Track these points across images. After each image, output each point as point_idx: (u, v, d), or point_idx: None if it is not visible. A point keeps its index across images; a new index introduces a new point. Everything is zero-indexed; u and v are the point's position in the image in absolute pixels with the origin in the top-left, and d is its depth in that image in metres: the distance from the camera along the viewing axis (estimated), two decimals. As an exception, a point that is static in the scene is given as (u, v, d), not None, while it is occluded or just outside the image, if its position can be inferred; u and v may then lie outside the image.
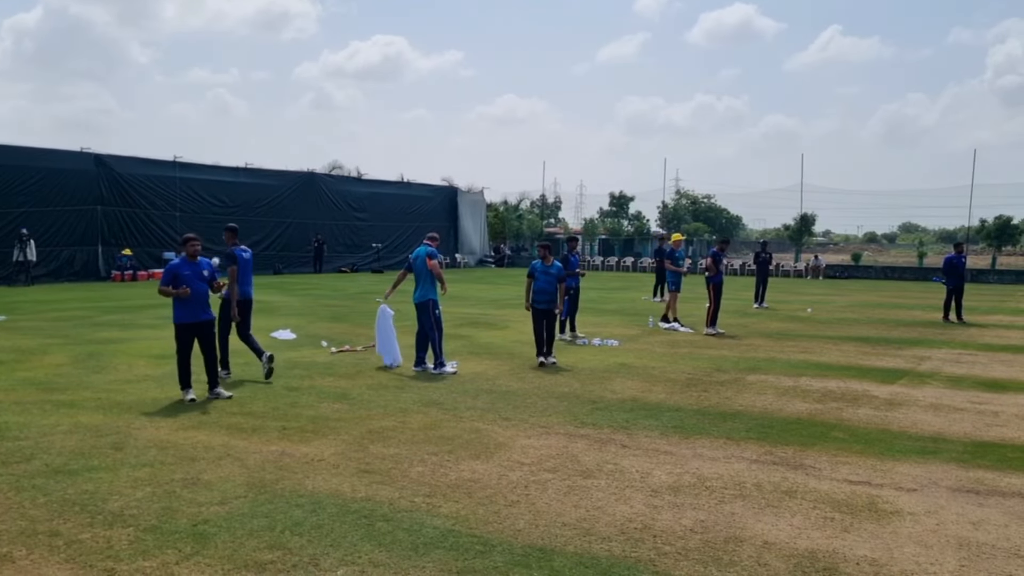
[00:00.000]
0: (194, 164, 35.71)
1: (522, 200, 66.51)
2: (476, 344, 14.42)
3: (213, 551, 4.97)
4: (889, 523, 5.76)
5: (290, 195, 39.11)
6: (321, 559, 4.89)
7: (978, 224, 52.68)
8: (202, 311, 9.36)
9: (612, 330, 16.67)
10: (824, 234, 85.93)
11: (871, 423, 8.83)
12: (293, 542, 5.13)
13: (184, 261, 9.32)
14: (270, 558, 4.89)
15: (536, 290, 12.52)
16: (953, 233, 56.83)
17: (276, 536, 5.23)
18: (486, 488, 6.32)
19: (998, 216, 52.61)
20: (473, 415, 8.86)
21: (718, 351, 14.16)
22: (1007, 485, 6.68)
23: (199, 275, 9.34)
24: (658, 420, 8.77)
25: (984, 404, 9.95)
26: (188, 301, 9.17)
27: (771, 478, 6.76)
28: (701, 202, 77.79)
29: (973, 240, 53.75)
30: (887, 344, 15.48)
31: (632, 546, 5.21)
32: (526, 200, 67.11)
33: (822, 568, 4.94)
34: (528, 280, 12.65)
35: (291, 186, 39.36)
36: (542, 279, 12.49)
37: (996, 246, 51.63)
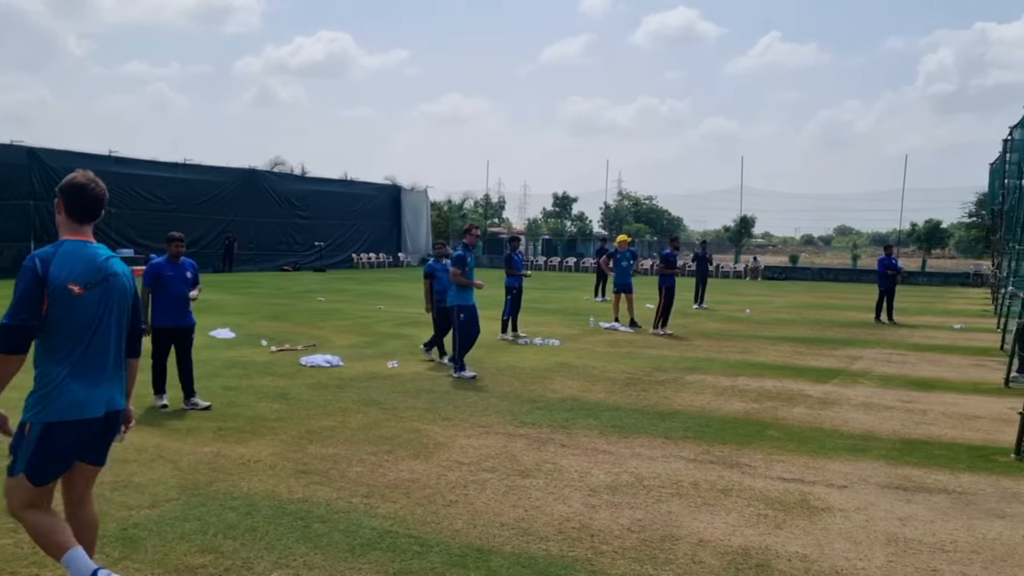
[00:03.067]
0: (131, 159, 34.93)
1: (466, 199, 66.60)
2: (417, 343, 14.33)
3: (142, 556, 4.86)
4: (820, 519, 5.88)
5: (231, 192, 38.46)
6: (255, 562, 4.81)
7: (909, 227, 54.23)
8: (183, 316, 8.88)
9: (553, 329, 16.74)
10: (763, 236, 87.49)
11: (805, 422, 9.01)
12: (226, 545, 5.04)
13: (167, 261, 8.86)
14: (201, 562, 4.79)
15: (439, 290, 12.45)
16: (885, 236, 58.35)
17: (208, 539, 5.13)
18: (425, 488, 6.29)
19: (928, 220, 54.27)
20: (413, 415, 8.81)
21: (658, 351, 14.31)
22: (933, 482, 6.87)
23: (182, 277, 8.86)
24: (597, 419, 8.82)
25: (913, 403, 10.22)
26: (169, 304, 8.74)
27: (708, 476, 6.85)
28: (643, 203, 78.62)
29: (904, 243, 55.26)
30: (821, 344, 15.82)
31: (569, 545, 5.23)
32: (470, 199, 67.21)
33: (755, 564, 5.03)
34: (427, 281, 12.54)
35: (231, 183, 38.72)
36: (444, 278, 12.37)
37: (926, 249, 53.23)
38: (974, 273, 42.10)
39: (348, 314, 19.36)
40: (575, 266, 49.90)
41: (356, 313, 19.61)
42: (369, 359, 12.48)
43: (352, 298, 24.20)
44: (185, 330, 8.93)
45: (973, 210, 55.56)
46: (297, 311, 19.73)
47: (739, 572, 4.91)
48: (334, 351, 12.82)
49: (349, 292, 26.48)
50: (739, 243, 57.40)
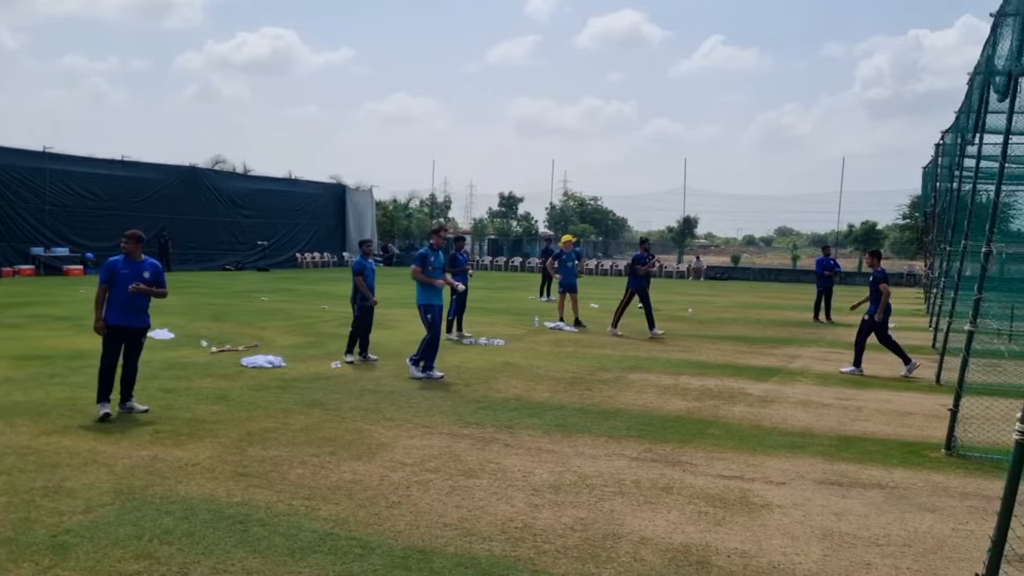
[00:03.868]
0: (66, 155, 34.04)
1: (412, 199, 66.22)
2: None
3: (74, 563, 4.73)
4: (759, 516, 5.97)
5: (170, 190, 37.69)
6: (191, 568, 4.71)
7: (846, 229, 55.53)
8: (136, 316, 8.51)
9: (499, 329, 16.75)
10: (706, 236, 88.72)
11: (745, 420, 9.16)
12: (161, 551, 4.93)
13: (125, 259, 8.46)
14: (136, 568, 4.68)
15: (371, 288, 12.42)
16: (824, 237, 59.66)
17: (143, 545, 5.01)
18: (367, 489, 6.24)
19: (864, 221, 55.66)
20: (356, 415, 8.74)
21: (601, 350, 14.41)
22: (868, 477, 7.03)
23: (139, 276, 8.47)
24: (541, 419, 8.85)
25: (849, 400, 10.46)
26: (123, 303, 8.38)
27: (649, 475, 6.91)
28: (588, 204, 79.07)
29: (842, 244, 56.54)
30: (762, 343, 16.10)
31: (512, 545, 5.23)
32: (416, 199, 66.84)
33: (695, 561, 5.08)
34: (359, 279, 12.41)
35: (171, 180, 37.96)
36: (371, 276, 12.46)
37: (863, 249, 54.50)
38: (908, 273, 43.29)
39: (291, 314, 19.12)
40: (521, 266, 50.03)
41: (299, 313, 19.39)
42: (312, 359, 12.34)
43: (295, 298, 23.92)
44: (137, 331, 8.57)
45: (907, 212, 57.05)
46: (239, 311, 19.43)
47: (680, 569, 4.96)
48: (276, 352, 12.65)
49: (293, 292, 26.16)
50: (682, 243, 58.14)
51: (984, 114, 10.40)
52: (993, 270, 10.22)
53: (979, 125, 10.78)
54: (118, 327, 8.42)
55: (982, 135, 10.87)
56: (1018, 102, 8.09)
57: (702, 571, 4.94)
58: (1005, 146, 8.11)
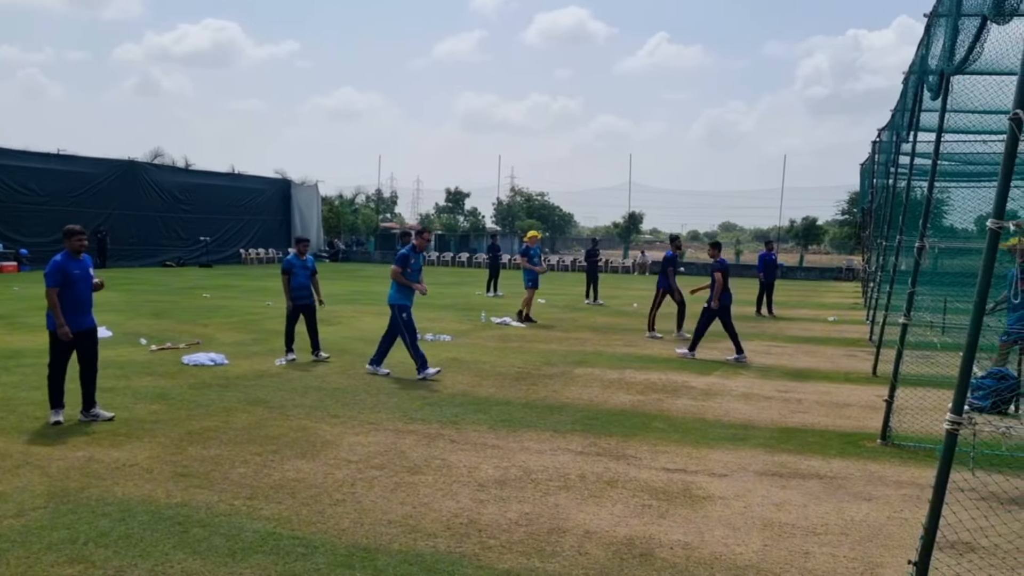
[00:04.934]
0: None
1: (358, 194, 65.64)
2: (306, 341, 14.06)
3: (4, 568, 4.59)
4: (702, 508, 6.05)
5: (109, 185, 36.78)
6: (128, 571, 4.61)
7: (788, 224, 56.55)
8: (86, 317, 8.16)
9: (445, 325, 16.70)
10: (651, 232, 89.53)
11: (689, 413, 9.27)
12: (97, 554, 4.82)
13: (68, 257, 8.02)
14: (70, 573, 4.56)
15: (296, 286, 12.12)
16: (767, 232, 60.70)
17: (78, 549, 4.89)
18: (311, 488, 6.18)
19: (805, 217, 56.74)
20: (300, 413, 8.64)
21: (547, 345, 14.46)
22: (807, 468, 7.17)
23: (86, 274, 8.13)
24: (487, 414, 8.85)
25: (790, 392, 10.65)
26: (76, 304, 8.00)
27: (594, 469, 6.96)
28: (535, 199, 79.16)
29: (783, 239, 57.52)
30: (706, 337, 16.27)
31: (457, 541, 5.22)
32: (362, 194, 66.29)
33: (638, 554, 5.13)
34: (285, 277, 12.15)
35: (109, 175, 37.03)
36: (301, 274, 12.19)
37: (803, 245, 55.61)
38: (846, 268, 44.25)
39: (235, 311, 18.82)
40: (468, 261, 49.93)
41: (243, 309, 19.10)
42: (256, 357, 12.17)
43: (239, 294, 23.56)
44: (89, 333, 8.20)
45: (846, 208, 58.37)
46: (180, 308, 19.07)
47: (623, 562, 5.01)
48: (219, 349, 12.45)
49: (236, 288, 25.75)
50: (628, 239, 58.64)
51: (918, 112, 10.64)
52: (927, 265, 10.48)
53: (913, 123, 11.04)
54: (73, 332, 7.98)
55: (916, 133, 11.13)
56: (950, 101, 8.30)
57: (645, 563, 4.99)
58: (937, 144, 8.32)
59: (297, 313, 12.18)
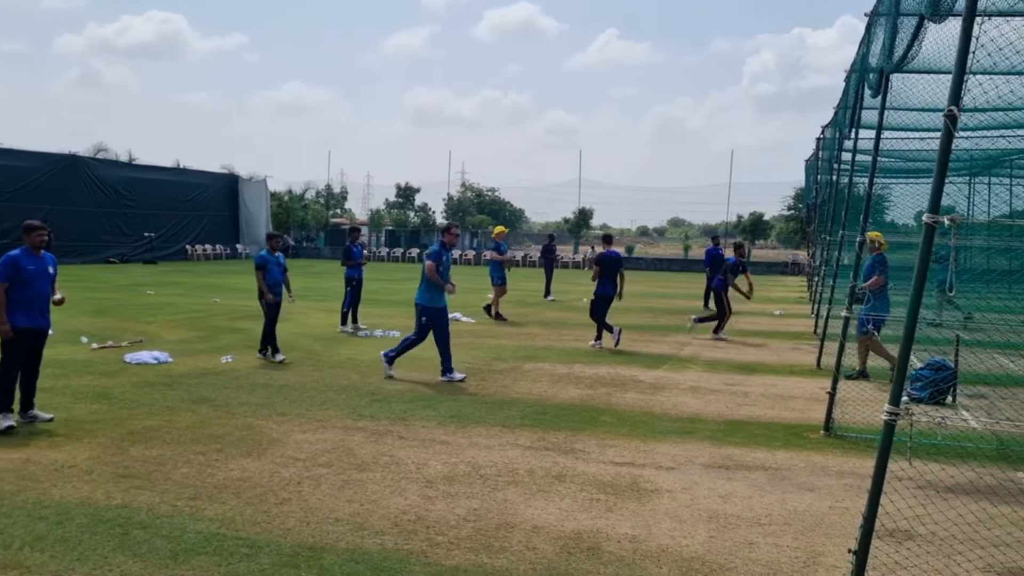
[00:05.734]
0: (-69, 142, 31.97)
1: (307, 189, 64.95)
2: (254, 337, 13.86)
3: (-64, 574, 4.46)
4: (649, 501, 6.10)
5: (49, 179, 35.83)
6: (65, 575, 4.50)
7: (735, 219, 57.37)
8: (43, 316, 7.82)
9: (396, 321, 16.60)
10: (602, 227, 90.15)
11: (637, 406, 9.34)
12: (33, 559, 4.69)
13: (26, 252, 7.71)
14: (5, 577, 4.44)
15: (271, 283, 11.86)
16: (715, 228, 61.53)
17: (13, 554, 4.75)
18: (256, 487, 6.09)
19: (752, 212, 57.62)
20: (246, 411, 8.52)
21: (497, 340, 14.47)
22: (752, 460, 7.27)
23: (44, 272, 7.80)
24: (436, 410, 8.82)
25: (736, 385, 10.79)
26: (30, 302, 7.65)
27: (543, 463, 6.97)
28: (486, 195, 79.16)
29: (731, 234, 58.31)
30: (654, 331, 16.45)
31: (405, 538, 5.19)
32: (312, 189, 65.61)
33: (586, 548, 5.15)
34: (259, 273, 11.86)
35: (50, 169, 36.07)
36: (275, 271, 11.95)
37: (751, 239, 56.40)
38: (792, 262, 45.03)
39: (180, 308, 18.51)
40: (418, 257, 49.74)
41: (189, 307, 18.78)
42: (201, 354, 11.97)
43: (185, 291, 23.16)
44: (44, 332, 7.90)
45: (792, 203, 59.40)
46: (123, 306, 18.68)
47: (571, 556, 5.02)
48: (163, 347, 12.22)
49: (182, 285, 25.30)
50: (578, 234, 58.94)
51: (859, 110, 10.86)
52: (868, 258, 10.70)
53: (855, 120, 11.25)
54: (26, 329, 7.67)
55: (857, 130, 11.35)
56: (889, 98, 8.48)
57: (593, 557, 5.01)
58: (877, 141, 8.49)
59: (274, 310, 11.90)
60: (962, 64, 4.04)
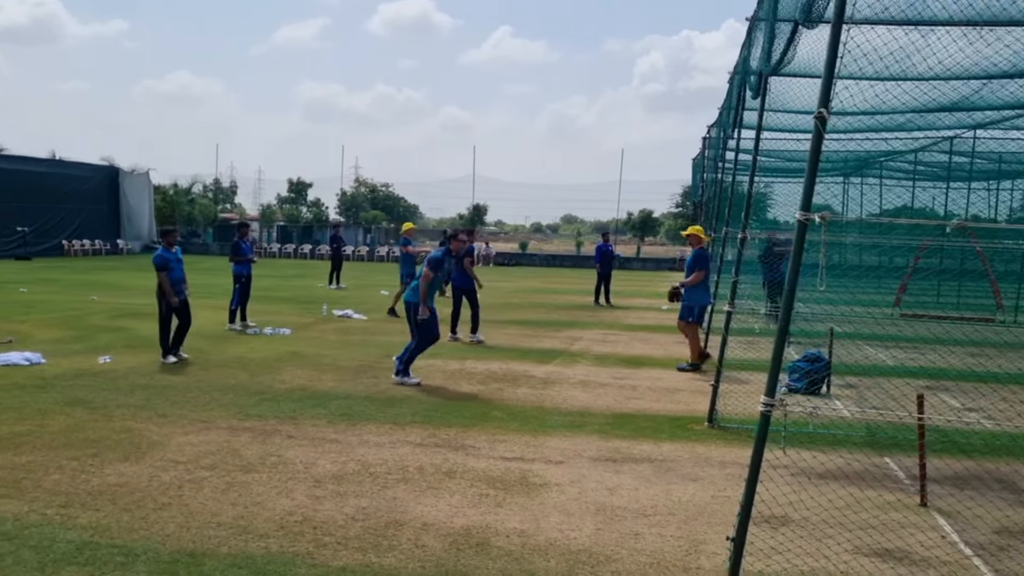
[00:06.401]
0: None
1: (194, 183, 62.85)
2: (135, 336, 13.38)
3: None
4: (538, 495, 6.16)
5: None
6: (-79, 591, 4.24)
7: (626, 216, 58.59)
8: None
9: (285, 318, 16.27)
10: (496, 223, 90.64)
11: (528, 401, 9.42)
12: None
13: None
14: None
15: (174, 280, 11.27)
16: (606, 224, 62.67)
17: None
18: (134, 492, 5.87)
19: (642, 209, 58.96)
20: (125, 413, 8.19)
21: (390, 337, 14.34)
22: (639, 452, 7.44)
23: None
24: (326, 408, 8.69)
25: (625, 379, 11.02)
26: None
27: (433, 460, 6.96)
28: (380, 190, 78.39)
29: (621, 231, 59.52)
30: (546, 326, 16.63)
31: (291, 540, 5.09)
32: (199, 183, 63.53)
33: (475, 544, 5.17)
34: (163, 274, 11.16)
35: (-93, 159, 33.82)
36: (177, 268, 11.36)
37: (640, 236, 57.76)
38: (680, 259, 46.21)
39: (55, 306, 17.63)
40: (311, 253, 48.88)
41: (65, 305, 17.91)
42: (77, 355, 11.45)
43: (61, 288, 22.08)
44: None
45: (680, 201, 61.06)
46: (-9, 304, 17.68)
47: (460, 552, 5.03)
48: (35, 347, 11.63)
49: (57, 282, 24.13)
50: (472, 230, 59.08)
51: (741, 111, 11.21)
52: (749, 255, 11.08)
53: (737, 121, 11.62)
54: None
55: (740, 130, 11.72)
56: (768, 100, 8.80)
57: (482, 553, 5.03)
58: (757, 141, 8.79)
59: (172, 312, 11.29)
60: (831, 68, 4.23)
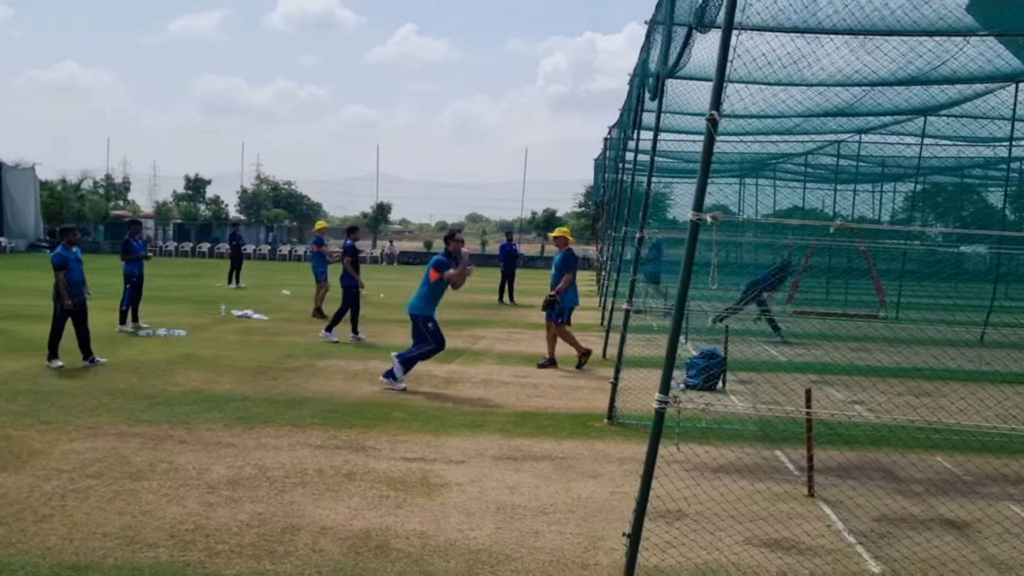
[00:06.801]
0: None
1: (84, 179, 60.28)
2: (18, 339, 12.77)
3: None
4: (438, 495, 6.14)
5: None
6: None
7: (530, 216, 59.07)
8: None
9: (180, 319, 15.78)
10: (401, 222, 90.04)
11: (430, 401, 9.38)
12: None
13: None
14: None
15: (74, 282, 10.71)
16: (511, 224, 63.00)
17: None
18: (12, 504, 5.58)
19: (546, 209, 59.56)
20: (5, 421, 7.79)
21: (291, 337, 14.09)
22: (540, 450, 7.49)
23: None
24: (222, 412, 8.46)
25: (527, 377, 11.09)
26: None
27: (333, 462, 6.85)
28: (282, 188, 76.84)
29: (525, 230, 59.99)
30: (448, 325, 16.49)
31: (181, 550, 4.93)
32: (89, 179, 60.97)
33: (374, 546, 5.11)
34: (60, 274, 10.54)
35: None
36: (76, 268, 10.80)
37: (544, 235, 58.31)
38: (583, 258, 46.87)
39: None
40: (209, 252, 47.58)
41: None
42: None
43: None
44: None
45: (583, 201, 61.91)
46: None
47: (358, 556, 4.96)
48: (-96, 352, 10.96)
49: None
50: (376, 229, 58.56)
51: (640, 112, 11.44)
52: (646, 253, 11.29)
53: (636, 122, 11.85)
54: None
55: (639, 131, 11.97)
56: (666, 102, 9.00)
57: (381, 555, 4.98)
58: (655, 142, 8.98)
59: (67, 315, 10.68)
60: (722, 72, 4.34)
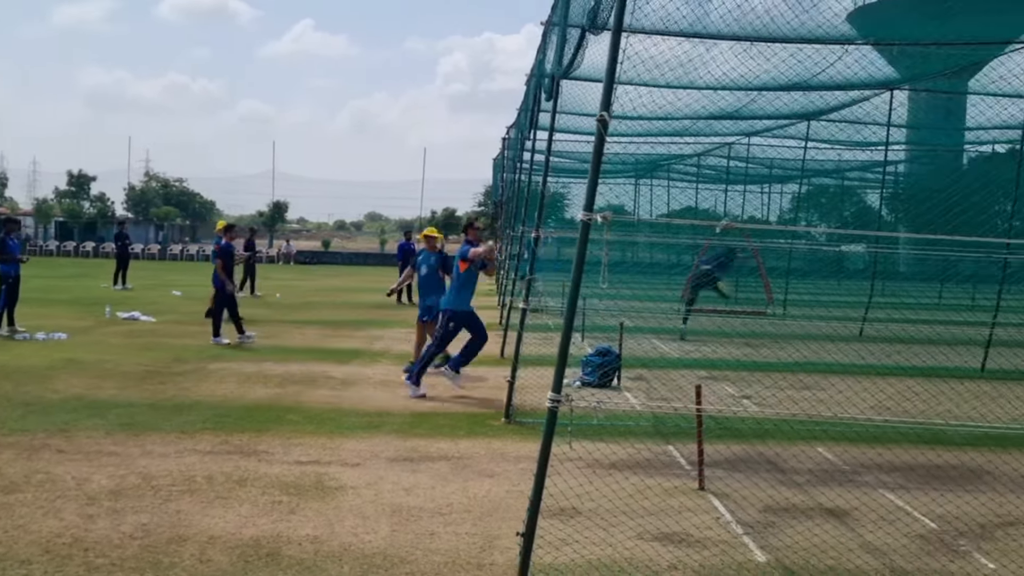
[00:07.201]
0: None
1: (-44, 174, 57.12)
2: None
3: None
4: (333, 499, 6.03)
5: None
6: None
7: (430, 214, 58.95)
8: None
9: (61, 322, 15.06)
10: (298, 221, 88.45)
11: (326, 403, 9.22)
12: None
13: None
14: None
15: None
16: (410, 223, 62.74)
17: None
18: None
19: (446, 208, 59.54)
20: None
21: (180, 340, 13.64)
22: (436, 450, 7.45)
23: None
24: (104, 418, 8.11)
25: (425, 377, 10.98)
26: None
27: (223, 468, 6.65)
28: (173, 185, 74.42)
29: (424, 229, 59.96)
30: (347, 326, 16.39)
31: (57, 565, 4.69)
32: (-39, 174, 57.79)
33: (265, 554, 4.98)
34: None
35: None
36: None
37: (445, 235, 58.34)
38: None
39: None
40: (94, 251, 45.69)
41: None
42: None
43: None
44: None
45: (482, 200, 62.11)
46: None
47: (248, 565, 4.82)
48: None
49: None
50: (273, 228, 57.37)
51: (537, 113, 11.52)
52: (546, 253, 11.39)
53: (533, 122, 11.93)
54: None
55: (535, 132, 12.05)
56: (561, 103, 9.09)
57: (272, 563, 4.85)
58: (550, 142, 9.06)
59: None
60: (611, 73, 4.39)
